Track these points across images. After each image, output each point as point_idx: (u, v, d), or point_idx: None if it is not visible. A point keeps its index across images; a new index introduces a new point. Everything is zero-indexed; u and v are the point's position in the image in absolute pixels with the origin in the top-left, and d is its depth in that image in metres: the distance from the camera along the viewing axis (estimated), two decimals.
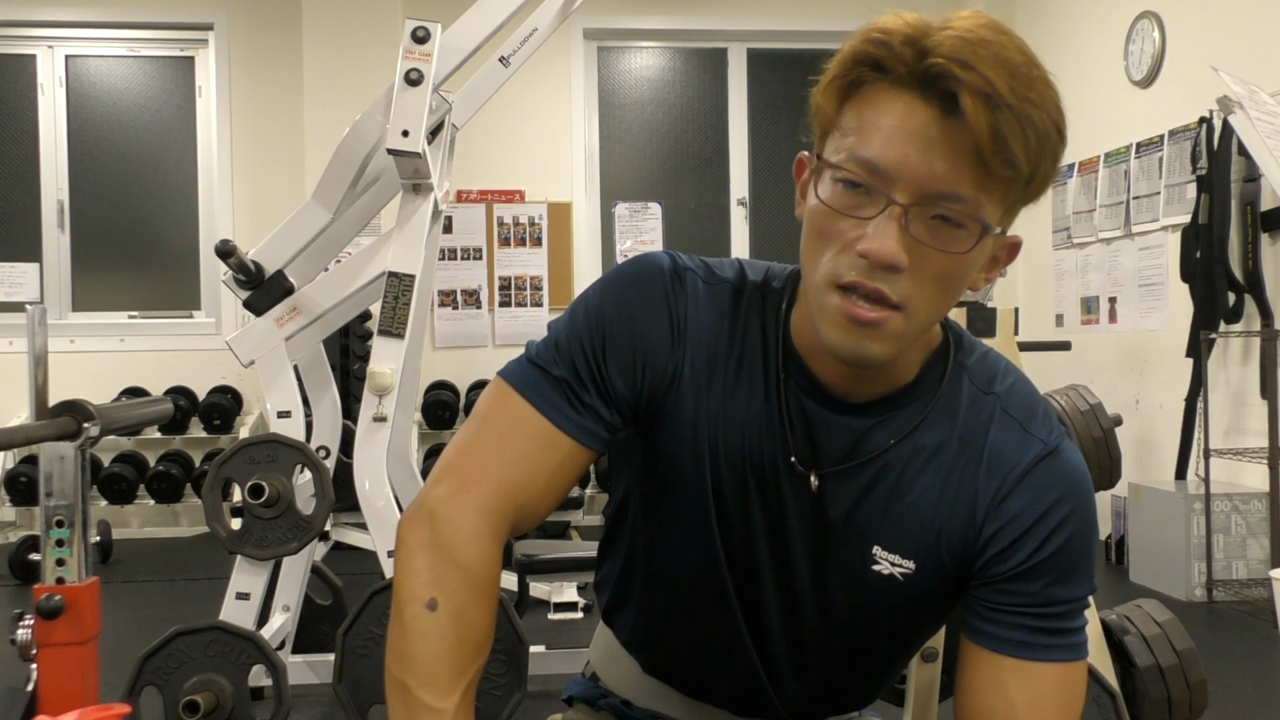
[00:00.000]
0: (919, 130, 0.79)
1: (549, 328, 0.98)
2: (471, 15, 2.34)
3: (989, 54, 0.77)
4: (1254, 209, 3.97)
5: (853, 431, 0.92)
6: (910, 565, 0.93)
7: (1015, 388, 0.95)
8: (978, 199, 0.80)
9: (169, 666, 1.99)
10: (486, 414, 0.95)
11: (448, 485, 0.91)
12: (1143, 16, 4.69)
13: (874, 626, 0.98)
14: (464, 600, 0.87)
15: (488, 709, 1.94)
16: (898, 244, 0.80)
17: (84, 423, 1.66)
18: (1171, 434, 4.29)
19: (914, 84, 0.79)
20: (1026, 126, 0.78)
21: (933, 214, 0.80)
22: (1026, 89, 0.78)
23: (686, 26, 5.82)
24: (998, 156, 0.78)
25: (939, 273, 0.82)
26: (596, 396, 0.93)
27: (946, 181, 0.79)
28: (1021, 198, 0.84)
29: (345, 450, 2.58)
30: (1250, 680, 3.00)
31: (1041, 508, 0.90)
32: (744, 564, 0.97)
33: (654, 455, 0.97)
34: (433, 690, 0.84)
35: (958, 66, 0.77)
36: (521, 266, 5.77)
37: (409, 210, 2.28)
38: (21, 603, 3.65)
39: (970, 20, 0.80)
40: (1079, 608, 0.93)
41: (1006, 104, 0.77)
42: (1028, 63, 0.80)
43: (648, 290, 0.95)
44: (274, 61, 5.66)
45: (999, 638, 0.91)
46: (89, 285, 5.76)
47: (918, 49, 0.79)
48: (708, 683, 1.06)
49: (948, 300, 0.85)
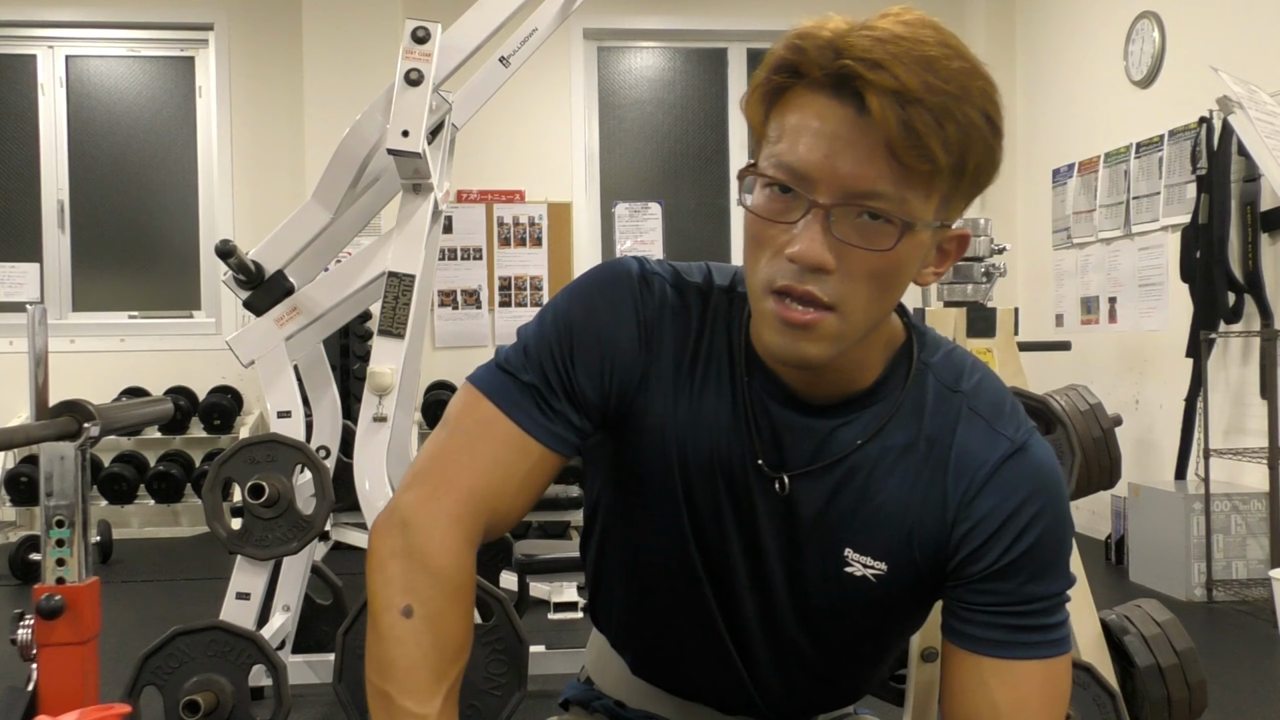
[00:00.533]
0: (836, 132, 0.80)
1: (519, 333, 0.98)
2: (471, 15, 2.34)
3: (901, 51, 0.78)
4: (1254, 209, 3.97)
5: (818, 433, 0.93)
6: (882, 566, 0.93)
7: (981, 385, 0.95)
8: (900, 195, 0.80)
9: (169, 666, 1.99)
10: (457, 420, 0.95)
11: (418, 492, 0.91)
12: (1143, 16, 4.69)
13: (852, 626, 0.99)
14: (439, 606, 0.87)
15: (488, 709, 1.94)
16: (822, 245, 0.81)
17: (84, 423, 1.66)
18: (1171, 434, 4.29)
19: (829, 86, 0.80)
20: (944, 119, 0.78)
21: (857, 213, 0.81)
22: (944, 82, 0.78)
23: (686, 26, 5.82)
24: (912, 152, 0.78)
25: (870, 271, 0.82)
26: (565, 402, 0.94)
27: (865, 180, 0.80)
28: (957, 190, 0.84)
29: (345, 450, 2.58)
30: (1250, 680, 3.00)
31: (1010, 507, 0.90)
32: (719, 566, 0.97)
33: (624, 459, 0.98)
34: (414, 697, 0.84)
35: (865, 67, 0.78)
36: (521, 266, 5.77)
37: (409, 210, 2.28)
38: (22, 603, 3.65)
39: (892, 18, 0.81)
40: (1057, 603, 0.92)
41: (917, 99, 0.77)
42: (950, 55, 0.79)
43: (615, 295, 0.95)
44: (274, 61, 5.66)
45: (978, 638, 0.91)
46: (89, 285, 5.76)
47: (832, 51, 0.79)
48: (692, 683, 1.07)
49: (886, 298, 0.85)
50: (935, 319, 2.19)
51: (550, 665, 2.69)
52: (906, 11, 0.82)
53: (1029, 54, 5.65)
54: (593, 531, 1.07)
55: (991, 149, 0.83)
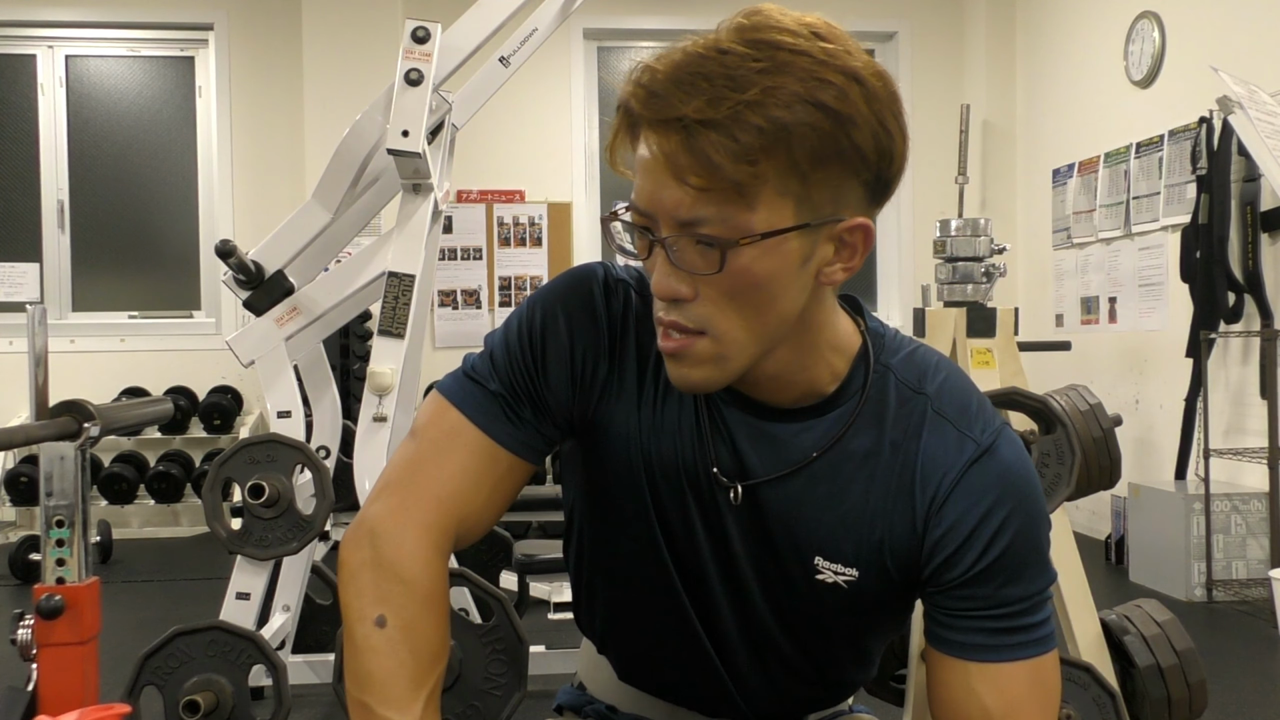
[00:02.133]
0: (649, 166, 0.80)
1: (485, 340, 0.98)
2: (471, 15, 2.34)
3: (680, 73, 0.78)
4: (1254, 209, 3.96)
5: (776, 438, 0.92)
6: (853, 573, 0.92)
7: (946, 385, 0.92)
8: (721, 215, 0.79)
9: (169, 666, 1.99)
10: (424, 429, 0.95)
11: (387, 503, 0.92)
12: (1143, 16, 4.69)
13: (828, 631, 0.98)
14: (412, 614, 0.88)
15: (488, 709, 1.94)
16: (669, 277, 0.82)
17: (84, 423, 1.66)
18: (1171, 434, 4.29)
19: (645, 124, 0.80)
20: (737, 130, 0.76)
21: (693, 240, 0.80)
22: (736, 91, 0.76)
23: (686, 26, 5.75)
24: (701, 173, 0.77)
25: (725, 292, 0.82)
26: (532, 410, 0.94)
27: (684, 208, 0.79)
28: (810, 184, 0.79)
29: (345, 450, 2.58)
30: (1250, 680, 3.00)
31: (980, 512, 0.88)
32: (692, 573, 0.97)
33: (593, 466, 0.98)
34: (394, 706, 0.84)
35: (639, 104, 0.79)
36: (521, 266, 5.77)
37: (409, 210, 2.28)
38: (21, 603, 3.65)
39: (690, 41, 0.81)
40: (1038, 601, 0.91)
41: (692, 122, 0.76)
42: (746, 58, 0.77)
43: (580, 302, 0.95)
44: (274, 61, 5.66)
45: (962, 644, 0.91)
46: (89, 285, 5.76)
47: (629, 88, 0.81)
48: (675, 686, 1.06)
49: (762, 314, 0.83)
50: (935, 319, 2.19)
51: (550, 665, 2.69)
52: (752, 14, 0.81)
53: (1029, 54, 5.65)
54: (571, 537, 1.07)
55: (824, 133, 0.77)
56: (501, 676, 1.95)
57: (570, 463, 1.02)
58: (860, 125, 0.78)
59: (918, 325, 2.26)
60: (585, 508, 1.02)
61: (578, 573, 1.08)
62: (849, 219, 0.83)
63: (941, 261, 2.20)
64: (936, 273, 2.22)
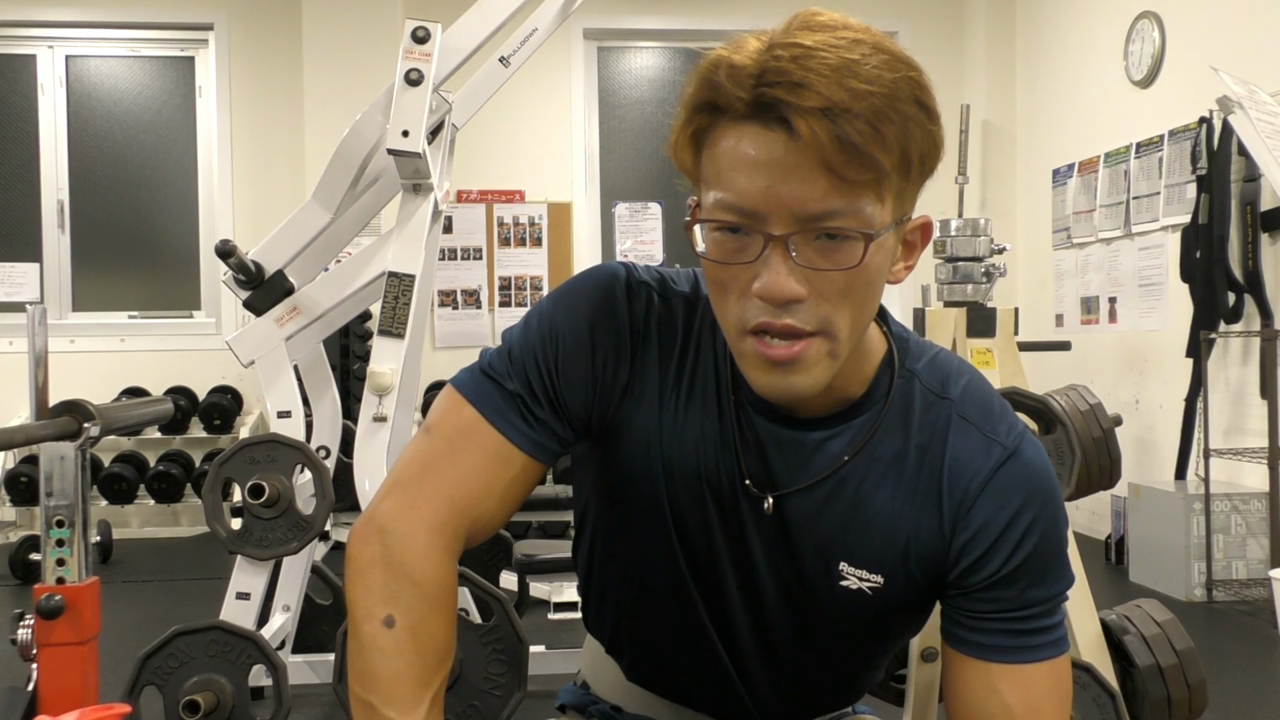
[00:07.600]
0: (771, 160, 0.77)
1: (503, 336, 0.96)
2: (471, 15, 2.34)
3: (820, 64, 0.75)
4: (1254, 209, 3.96)
5: (805, 447, 0.91)
6: (878, 579, 0.92)
7: (969, 390, 0.93)
8: (854, 207, 0.77)
9: (169, 666, 1.99)
10: (439, 426, 0.93)
11: (399, 500, 0.90)
12: (1142, 16, 4.69)
13: (846, 637, 0.98)
14: (420, 614, 0.87)
15: (488, 709, 1.94)
16: (789, 277, 0.79)
17: (84, 423, 1.66)
18: (1171, 434, 4.29)
19: (754, 115, 0.77)
20: (880, 123, 0.75)
21: (815, 236, 0.78)
22: (870, 84, 0.75)
23: (686, 26, 5.82)
24: (853, 165, 0.75)
25: (843, 288, 0.80)
26: (549, 411, 0.93)
27: (815, 202, 0.77)
28: (908, 182, 0.81)
29: (345, 450, 2.58)
30: (1250, 680, 3.00)
31: (1007, 515, 0.89)
32: (709, 580, 0.96)
33: (610, 470, 0.96)
34: (398, 706, 0.84)
35: (785, 91, 0.75)
36: (521, 266, 5.77)
37: (409, 210, 2.28)
38: (22, 603, 3.65)
39: (805, 29, 0.78)
40: (1058, 603, 0.92)
41: (846, 110, 0.74)
42: (869, 53, 0.77)
43: (601, 302, 0.93)
44: (274, 61, 5.66)
45: (985, 645, 0.91)
46: (89, 285, 5.76)
47: (750, 79, 0.76)
48: (685, 689, 1.06)
49: (866, 309, 0.84)
50: (935, 319, 2.19)
51: (550, 665, 2.69)
52: (815, 15, 0.79)
53: (1029, 54, 5.65)
54: (582, 537, 1.06)
55: (931, 135, 0.80)
56: (501, 676, 1.95)
57: (584, 464, 1.01)
58: (939, 133, 0.81)
59: (918, 325, 2.26)
60: (599, 510, 1.01)
61: (588, 573, 1.07)
62: (915, 218, 0.85)
63: (941, 261, 2.21)
64: (936, 273, 2.22)
